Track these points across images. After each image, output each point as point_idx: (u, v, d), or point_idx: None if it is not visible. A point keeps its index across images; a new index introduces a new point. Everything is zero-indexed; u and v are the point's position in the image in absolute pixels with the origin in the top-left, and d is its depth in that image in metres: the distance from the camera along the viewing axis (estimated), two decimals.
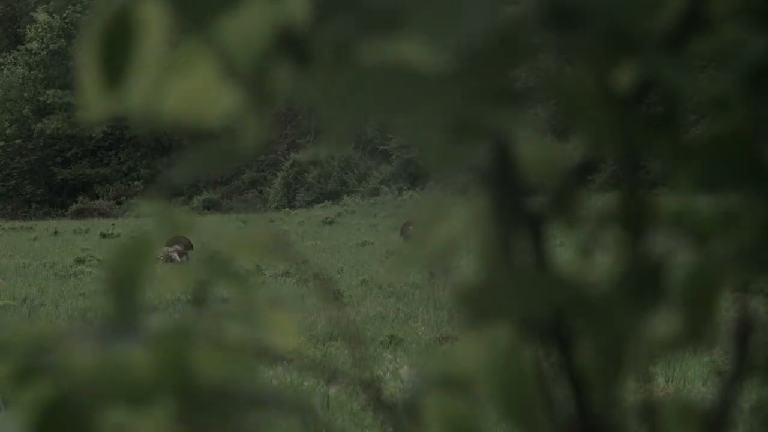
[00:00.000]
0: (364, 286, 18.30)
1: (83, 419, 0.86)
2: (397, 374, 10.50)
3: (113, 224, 36.42)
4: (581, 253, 0.93)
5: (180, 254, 20.71)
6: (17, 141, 58.97)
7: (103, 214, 48.71)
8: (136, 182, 57.57)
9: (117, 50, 0.87)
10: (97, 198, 56.31)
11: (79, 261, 23.01)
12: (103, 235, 31.82)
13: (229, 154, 0.88)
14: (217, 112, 0.88)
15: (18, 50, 60.38)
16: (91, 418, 0.86)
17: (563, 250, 0.94)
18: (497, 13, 0.82)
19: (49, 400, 0.86)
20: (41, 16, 58.74)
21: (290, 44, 0.85)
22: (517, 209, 0.90)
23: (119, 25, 0.87)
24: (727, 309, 0.95)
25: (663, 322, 0.95)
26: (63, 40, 57.98)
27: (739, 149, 0.88)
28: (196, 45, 0.86)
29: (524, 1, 0.86)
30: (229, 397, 0.89)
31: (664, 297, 0.92)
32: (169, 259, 20.34)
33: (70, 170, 58.54)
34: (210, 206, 50.18)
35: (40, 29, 58.71)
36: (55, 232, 34.22)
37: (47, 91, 58.25)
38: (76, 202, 54.73)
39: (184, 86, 0.87)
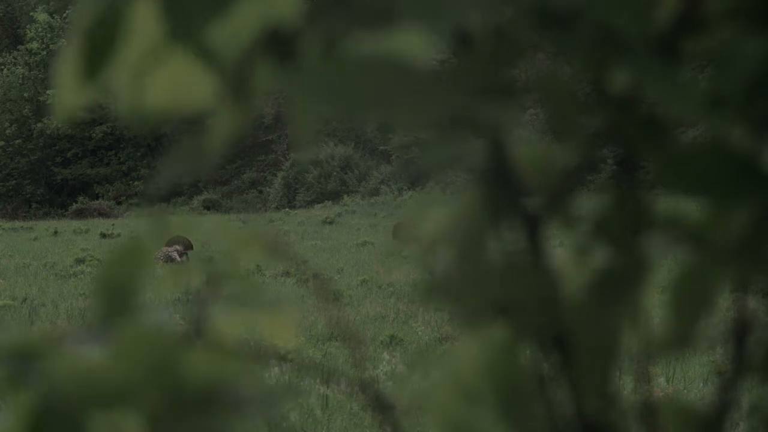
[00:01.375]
0: (364, 286, 18.29)
1: (70, 423, 0.86)
2: (397, 374, 10.50)
3: (113, 224, 36.40)
4: (578, 253, 0.93)
5: (180, 254, 20.72)
6: (17, 141, 58.96)
7: (103, 214, 48.67)
8: (136, 182, 57.55)
9: (99, 43, 0.87)
10: (97, 198, 56.29)
11: (79, 261, 23.02)
12: (103, 235, 31.82)
13: (205, 150, 0.88)
14: (196, 103, 0.88)
15: (18, 50, 60.37)
16: (78, 421, 0.86)
17: (563, 250, 0.94)
18: (487, 1, 0.82)
19: (36, 405, 0.86)
20: (41, 16, 58.74)
21: (277, 41, 0.85)
22: (513, 209, 0.90)
23: (104, 21, 0.87)
24: (726, 309, 0.95)
25: (661, 323, 0.95)
26: (63, 40, 57.95)
27: (730, 152, 0.88)
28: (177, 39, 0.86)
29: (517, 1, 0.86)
30: (217, 398, 0.89)
31: (642, 298, 0.92)
32: (169, 259, 20.35)
33: (70, 170, 58.52)
34: (210, 206, 50.17)
35: (40, 29, 58.72)
36: (55, 232, 34.22)
37: (47, 91, 58.22)
38: (76, 202, 54.71)
39: (164, 77, 0.87)
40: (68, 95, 0.88)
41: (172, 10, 0.84)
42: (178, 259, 20.49)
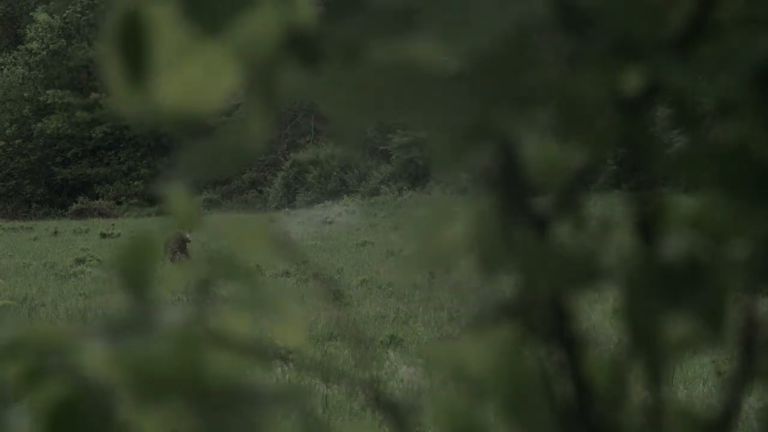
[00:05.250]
0: (364, 286, 18.29)
1: (99, 418, 0.85)
2: (397, 374, 10.50)
3: (113, 224, 36.41)
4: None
5: (179, 253, 20.71)
6: (17, 141, 58.98)
7: (103, 214, 48.67)
8: (136, 182, 57.56)
9: (132, 49, 0.86)
10: (97, 198, 56.30)
11: (79, 261, 23.01)
12: (103, 235, 31.81)
13: (233, 153, 0.87)
14: (222, 104, 0.88)
15: (18, 50, 60.38)
16: (107, 416, 0.86)
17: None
18: (509, 17, 0.81)
19: (63, 400, 0.85)
20: (41, 16, 58.74)
21: (299, 44, 0.85)
22: (523, 210, 0.90)
23: (130, 25, 0.86)
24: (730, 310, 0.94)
25: (671, 324, 0.94)
26: (63, 40, 58.00)
27: (749, 154, 0.87)
28: (199, 38, 0.86)
29: (535, 6, 0.85)
30: (241, 394, 0.89)
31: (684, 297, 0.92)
32: (169, 258, 20.34)
33: (70, 170, 58.53)
34: (210, 206, 50.16)
35: (40, 29, 58.72)
36: (55, 232, 34.21)
37: (47, 91, 58.25)
38: (76, 202, 54.72)
39: (187, 77, 0.87)
40: (124, 102, 0.88)
41: (193, 7, 0.84)
42: (178, 257, 20.48)
